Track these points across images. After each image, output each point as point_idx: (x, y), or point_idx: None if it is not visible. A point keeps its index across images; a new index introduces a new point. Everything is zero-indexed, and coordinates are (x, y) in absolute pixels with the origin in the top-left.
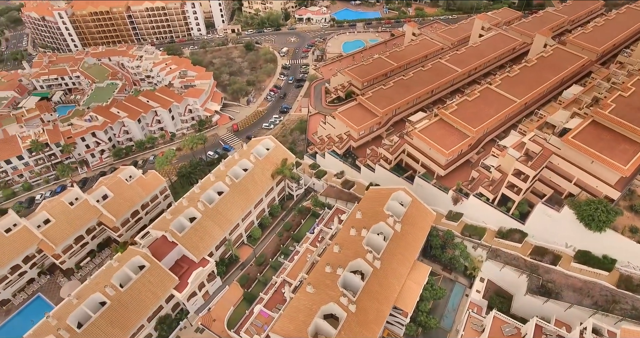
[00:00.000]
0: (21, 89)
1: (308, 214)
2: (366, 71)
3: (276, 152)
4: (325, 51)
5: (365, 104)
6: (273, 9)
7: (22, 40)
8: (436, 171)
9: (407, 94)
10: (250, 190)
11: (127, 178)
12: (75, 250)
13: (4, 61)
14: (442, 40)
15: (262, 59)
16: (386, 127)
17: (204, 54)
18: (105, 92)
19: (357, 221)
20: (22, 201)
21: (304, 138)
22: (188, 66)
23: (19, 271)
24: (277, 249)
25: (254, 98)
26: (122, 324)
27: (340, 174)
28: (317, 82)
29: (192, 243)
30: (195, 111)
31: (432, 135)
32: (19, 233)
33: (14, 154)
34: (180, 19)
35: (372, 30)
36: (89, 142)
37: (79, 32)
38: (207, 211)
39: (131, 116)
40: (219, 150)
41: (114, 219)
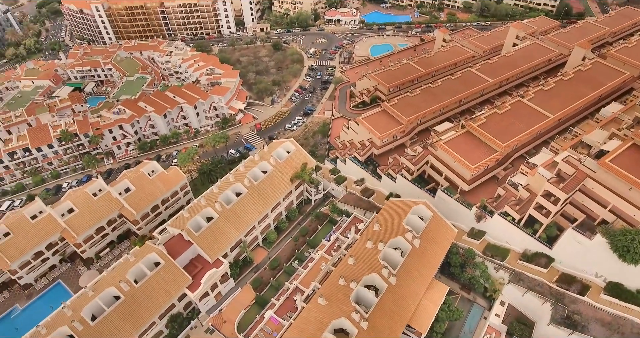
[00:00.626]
0: (56, 78)
1: (325, 220)
2: (393, 76)
3: (296, 155)
4: (352, 54)
5: (390, 111)
6: (303, 9)
7: (60, 31)
8: (460, 186)
9: (434, 103)
10: (269, 193)
11: (149, 172)
12: (96, 240)
13: (43, 51)
14: (473, 47)
15: (289, 59)
16: (410, 136)
17: (232, 51)
18: (135, 85)
19: (375, 234)
20: (50, 188)
21: (326, 141)
22: (215, 64)
23: (42, 258)
24: (291, 254)
25: (279, 98)
26: (134, 320)
27: (360, 181)
28: (342, 85)
29: (207, 243)
30: (220, 109)
31: (458, 148)
32: (44, 220)
33: (44, 142)
34: (211, 16)
35: (402, 35)
36: (116, 134)
37: (114, 25)
38: (224, 211)
39: (158, 111)
40: (240, 149)
41: (134, 212)
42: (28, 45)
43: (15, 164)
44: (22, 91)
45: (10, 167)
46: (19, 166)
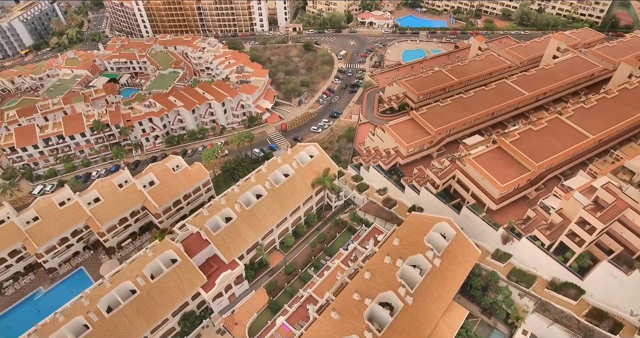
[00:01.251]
0: (94, 68)
1: (344, 228)
2: (424, 83)
3: (319, 160)
4: (383, 58)
5: (418, 120)
6: (336, 10)
7: (101, 23)
8: (487, 204)
9: (465, 115)
10: (289, 197)
11: (174, 167)
12: (119, 230)
13: (84, 41)
14: (510, 58)
15: (319, 61)
16: (438, 147)
17: (264, 50)
18: (167, 79)
19: (394, 249)
20: (80, 175)
21: (351, 147)
22: (246, 62)
23: (67, 244)
24: (308, 260)
25: (306, 99)
26: (147, 315)
27: (382, 190)
28: (371, 89)
29: (224, 244)
30: (247, 107)
31: (488, 164)
32: (71, 207)
33: (78, 131)
34: (245, 14)
35: (436, 40)
36: (146, 127)
37: (152, 19)
38: (243, 213)
39: (186, 106)
40: (265, 148)
41: (157, 206)
42: (70, 35)
43: (50, 150)
44: (62, 79)
45: (45, 153)
46: (53, 152)
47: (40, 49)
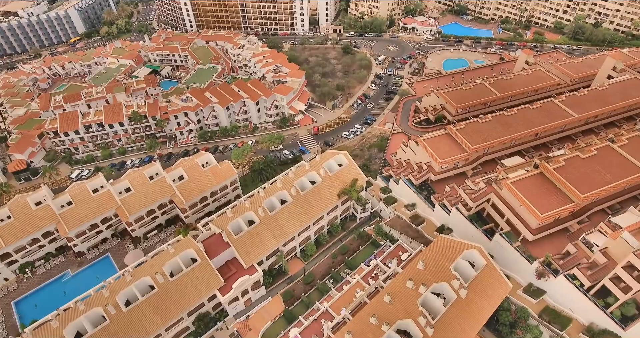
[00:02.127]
0: (138, 59)
1: (368, 241)
2: (464, 96)
3: (348, 170)
4: (423, 66)
5: (455, 135)
6: (379, 14)
7: (150, 15)
8: (523, 234)
9: (506, 133)
10: (313, 205)
11: (203, 163)
12: (146, 221)
13: (132, 32)
14: (559, 74)
15: (356, 64)
16: (473, 165)
17: (302, 50)
18: (205, 74)
19: (417, 273)
20: (115, 163)
21: (382, 157)
22: (283, 62)
23: (96, 230)
24: (327, 271)
25: (340, 103)
26: (163, 312)
27: (411, 206)
28: (408, 98)
29: (244, 248)
30: (281, 108)
31: (527, 191)
32: (103, 195)
33: (117, 120)
34: (287, 13)
35: (480, 51)
36: (181, 120)
37: (197, 14)
38: (266, 218)
39: (221, 103)
40: (294, 151)
41: (184, 201)
42: (120, 25)
43: (89, 136)
44: (108, 68)
45: (85, 139)
46: (92, 138)
47: (91, 37)
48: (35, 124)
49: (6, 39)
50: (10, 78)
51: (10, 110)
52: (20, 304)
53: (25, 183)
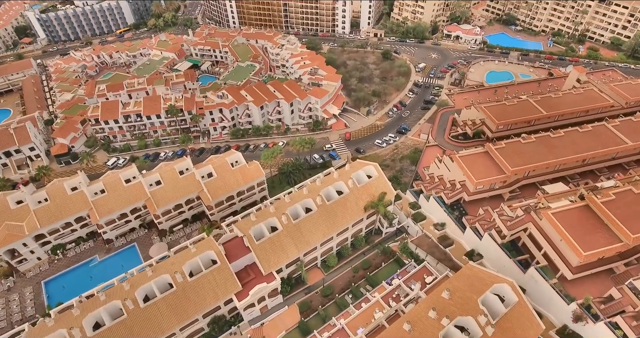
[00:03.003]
0: (180, 53)
1: (392, 258)
2: (506, 112)
3: (377, 183)
4: (465, 76)
5: (494, 155)
6: (422, 20)
7: (195, 9)
8: (561, 270)
9: (549, 157)
10: (338, 216)
11: (233, 162)
12: (173, 215)
13: (177, 25)
14: (614, 95)
15: (395, 71)
16: (511, 188)
17: (341, 53)
18: (243, 72)
19: (441, 302)
20: (150, 154)
21: (414, 169)
22: (321, 64)
23: (125, 219)
24: (347, 285)
25: (375, 110)
26: (179, 312)
27: (440, 226)
28: (446, 109)
29: (264, 254)
30: (315, 110)
31: (570, 224)
32: (134, 186)
33: (154, 112)
34: (328, 14)
35: (527, 64)
36: (215, 116)
37: (240, 11)
38: (289, 226)
39: (256, 102)
40: (324, 155)
41: (210, 198)
42: (167, 18)
43: (128, 126)
44: (151, 60)
45: (123, 128)
46: (130, 128)
47: (139, 29)
48: (79, 110)
49: (62, 26)
50: (62, 64)
51: (59, 95)
52: (49, 284)
53: (65, 167)
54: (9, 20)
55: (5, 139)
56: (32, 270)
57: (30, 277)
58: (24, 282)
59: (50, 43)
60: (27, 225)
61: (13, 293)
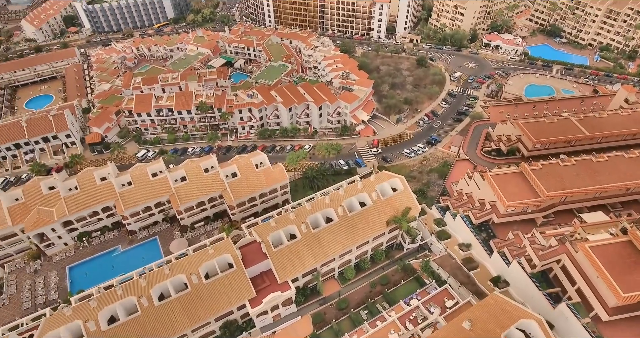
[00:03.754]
0: (215, 49)
1: (412, 276)
2: (545, 130)
3: (402, 197)
4: (502, 89)
5: (529, 176)
6: (461, 27)
7: (234, 6)
8: (596, 310)
9: (590, 183)
10: (359, 229)
11: (257, 163)
12: (195, 212)
13: (215, 21)
14: None
15: (429, 79)
16: (545, 213)
17: (375, 57)
18: (275, 71)
19: (461, 333)
20: (178, 148)
21: (441, 184)
22: (353, 69)
23: (149, 212)
24: (363, 300)
25: (406, 118)
26: (192, 314)
27: (465, 246)
28: (480, 122)
29: (281, 263)
30: (343, 115)
31: (609, 261)
32: (160, 181)
33: (185, 107)
34: (365, 17)
35: (570, 79)
36: (244, 115)
37: (276, 10)
38: (308, 235)
39: (285, 103)
40: (350, 162)
41: (233, 198)
42: (205, 14)
43: (159, 120)
44: (187, 55)
45: (155, 121)
46: (161, 122)
47: (178, 23)
48: (115, 100)
49: (106, 17)
50: (103, 54)
51: (98, 84)
52: (73, 270)
53: (98, 155)
54: (58, 9)
55: (45, 125)
56: (59, 254)
57: (56, 262)
58: (50, 266)
59: (94, 33)
60: (57, 211)
61: (39, 276)
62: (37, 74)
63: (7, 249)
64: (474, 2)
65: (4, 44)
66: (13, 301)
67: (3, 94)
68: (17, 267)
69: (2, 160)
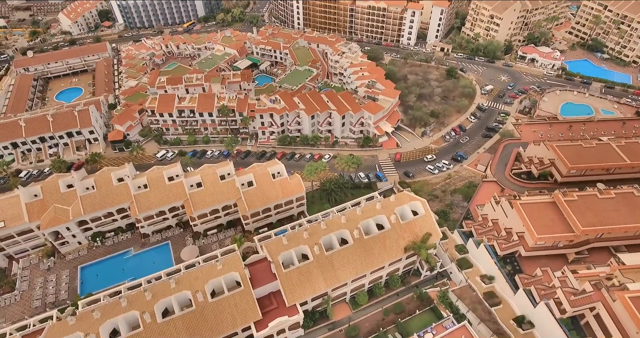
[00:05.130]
0: (242, 50)
1: (428, 306)
2: (582, 155)
3: (422, 222)
4: (536, 105)
5: (562, 208)
6: (496, 38)
7: (264, 6)
8: None
9: (631, 219)
10: (375, 254)
11: (274, 173)
12: (208, 219)
13: (244, 21)
14: None
15: (458, 91)
16: (578, 249)
17: (403, 65)
18: (300, 76)
19: None
20: (197, 151)
21: (466, 206)
22: (379, 78)
23: (163, 217)
24: (374, 329)
25: (431, 132)
26: (194, 334)
27: (488, 279)
28: (510, 141)
29: (290, 285)
30: (367, 126)
31: None
32: (176, 186)
33: (207, 110)
34: (395, 23)
35: (611, 98)
36: (265, 121)
37: (306, 12)
38: (320, 257)
39: (307, 111)
40: (371, 175)
41: (247, 208)
42: (235, 13)
43: (181, 120)
44: (214, 55)
45: (176, 122)
46: (182, 123)
47: (207, 22)
48: (140, 98)
49: (138, 13)
50: (133, 50)
51: (125, 80)
52: (85, 270)
53: (119, 153)
54: (94, 4)
55: (69, 121)
56: (72, 253)
57: (69, 260)
58: (63, 264)
59: (126, 28)
60: (73, 210)
61: (52, 274)
62: (69, 66)
63: (23, 244)
64: (512, 12)
65: (42, 35)
66: (25, 298)
67: (36, 85)
68: (32, 263)
69: (27, 153)
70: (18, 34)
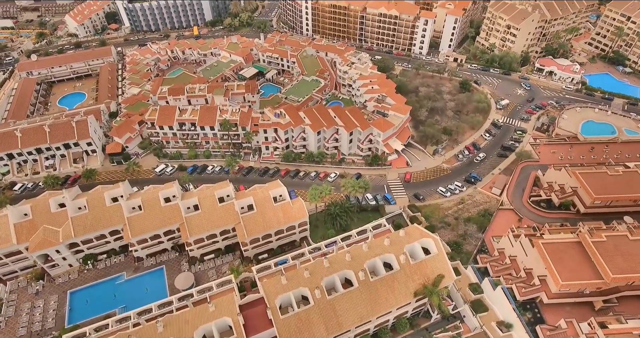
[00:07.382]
0: (248, 57)
1: None
2: (607, 184)
3: (434, 262)
4: (555, 123)
5: (590, 250)
6: (512, 49)
7: (272, 11)
8: None
9: None
10: (382, 298)
11: (276, 196)
12: (205, 244)
13: (252, 26)
14: None
15: (472, 105)
16: (607, 297)
17: (414, 76)
18: (307, 87)
19: None
20: (198, 165)
21: (480, 237)
22: (390, 92)
23: (158, 240)
24: None
25: (443, 150)
26: None
27: (504, 327)
28: (527, 162)
29: (288, 333)
30: (375, 143)
31: None
32: (171, 208)
33: (209, 123)
34: (407, 32)
35: (635, 116)
36: (269, 135)
37: (315, 18)
38: (322, 301)
39: (313, 127)
40: (378, 196)
41: (246, 235)
42: (242, 18)
43: (181, 133)
44: (219, 61)
45: (177, 135)
46: (183, 136)
47: (215, 26)
48: (141, 107)
49: (145, 16)
50: (138, 55)
51: (128, 88)
52: (74, 295)
53: (117, 166)
54: (102, 6)
55: (66, 132)
56: (62, 276)
57: (58, 284)
58: (52, 288)
59: (132, 32)
60: (63, 232)
61: (39, 299)
62: (73, 70)
63: (12, 266)
64: (530, 22)
65: (48, 37)
66: (10, 325)
67: (39, 89)
68: (19, 286)
69: (23, 164)
70: (25, 35)
